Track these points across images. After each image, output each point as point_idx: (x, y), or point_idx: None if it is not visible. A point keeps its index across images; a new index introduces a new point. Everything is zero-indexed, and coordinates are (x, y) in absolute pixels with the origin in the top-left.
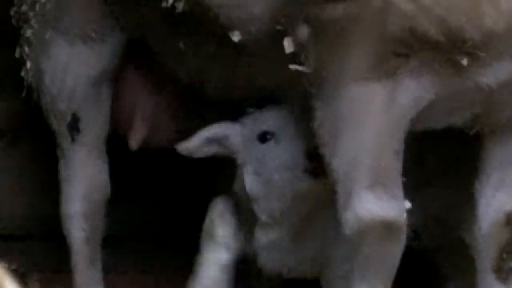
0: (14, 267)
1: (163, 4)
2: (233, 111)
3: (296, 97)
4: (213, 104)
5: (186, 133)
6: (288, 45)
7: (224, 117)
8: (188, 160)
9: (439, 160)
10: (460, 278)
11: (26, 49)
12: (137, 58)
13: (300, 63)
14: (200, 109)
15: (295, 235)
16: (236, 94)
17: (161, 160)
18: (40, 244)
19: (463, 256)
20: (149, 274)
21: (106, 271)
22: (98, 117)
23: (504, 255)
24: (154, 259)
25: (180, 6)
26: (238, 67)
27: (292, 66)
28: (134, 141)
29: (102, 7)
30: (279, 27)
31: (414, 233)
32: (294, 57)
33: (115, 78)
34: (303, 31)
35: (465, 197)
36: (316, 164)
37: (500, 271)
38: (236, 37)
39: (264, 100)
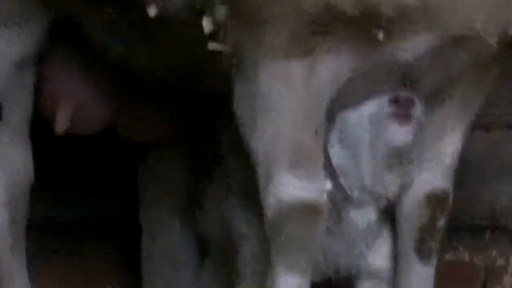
0: None
1: None
2: None
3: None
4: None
5: (113, 118)
6: (206, 24)
7: None
8: (115, 145)
9: None
10: None
11: None
12: (62, 41)
13: (219, 42)
14: (128, 95)
15: None
16: (162, 71)
17: (87, 145)
18: None
19: None
20: (74, 260)
21: (31, 257)
22: (21, 100)
23: (425, 235)
24: (80, 245)
25: None
26: (160, 42)
27: (211, 45)
28: (59, 126)
29: None
30: (197, 6)
31: None
32: (213, 36)
33: (40, 61)
34: (221, 10)
35: None
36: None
37: (421, 251)
38: (152, 10)
39: None
